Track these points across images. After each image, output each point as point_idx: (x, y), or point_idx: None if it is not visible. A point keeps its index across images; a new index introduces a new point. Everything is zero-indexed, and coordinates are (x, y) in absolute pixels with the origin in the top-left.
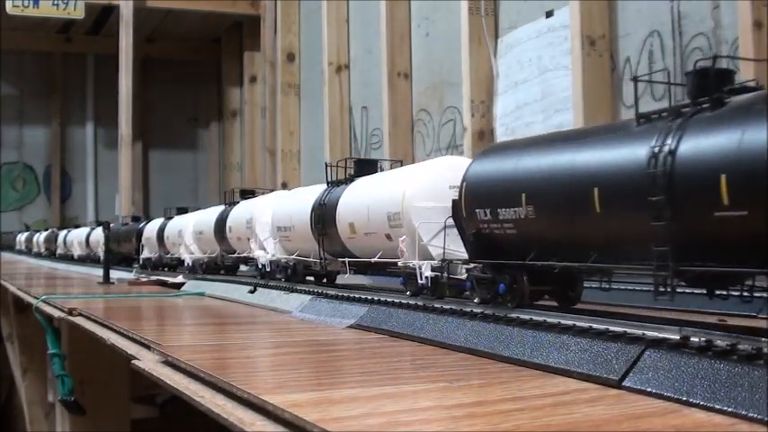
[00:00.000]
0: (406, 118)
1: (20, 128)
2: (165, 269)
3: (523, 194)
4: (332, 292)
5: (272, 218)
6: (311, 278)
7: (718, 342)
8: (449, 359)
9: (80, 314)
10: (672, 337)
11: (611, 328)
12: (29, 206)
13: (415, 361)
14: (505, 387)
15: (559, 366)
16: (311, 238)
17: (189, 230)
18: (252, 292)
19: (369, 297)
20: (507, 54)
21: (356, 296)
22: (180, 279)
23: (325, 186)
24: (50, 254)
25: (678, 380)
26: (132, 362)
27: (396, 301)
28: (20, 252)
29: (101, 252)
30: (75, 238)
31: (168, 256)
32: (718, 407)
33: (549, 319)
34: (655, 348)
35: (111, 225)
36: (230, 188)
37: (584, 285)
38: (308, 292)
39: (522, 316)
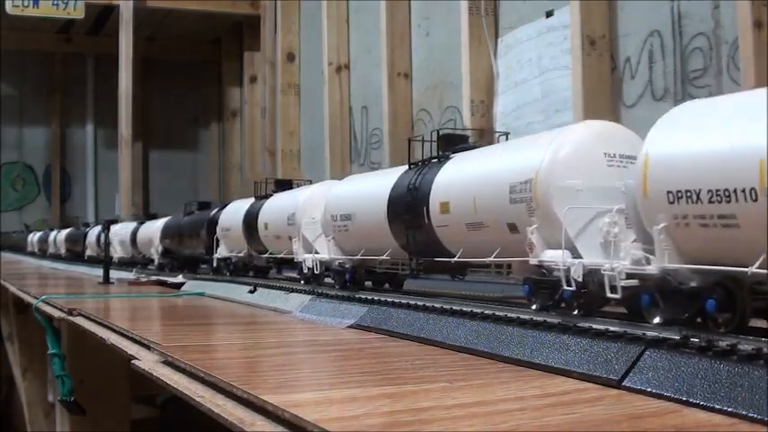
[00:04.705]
0: (406, 118)
1: (20, 128)
2: (251, 273)
3: None
4: (332, 292)
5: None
6: None
7: (719, 342)
8: (449, 359)
9: (80, 314)
10: (672, 337)
11: (611, 328)
12: (29, 206)
13: (414, 361)
14: (505, 387)
15: (559, 366)
16: None
17: (312, 216)
18: (252, 292)
19: (369, 297)
20: (507, 54)
21: (356, 296)
22: (180, 279)
23: None
24: (74, 256)
25: (678, 380)
26: (132, 362)
27: (396, 301)
28: (32, 254)
29: (155, 254)
30: (113, 236)
31: (266, 255)
32: (718, 407)
33: (549, 320)
34: (655, 348)
35: (170, 217)
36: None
37: None
38: (309, 292)
39: (522, 316)
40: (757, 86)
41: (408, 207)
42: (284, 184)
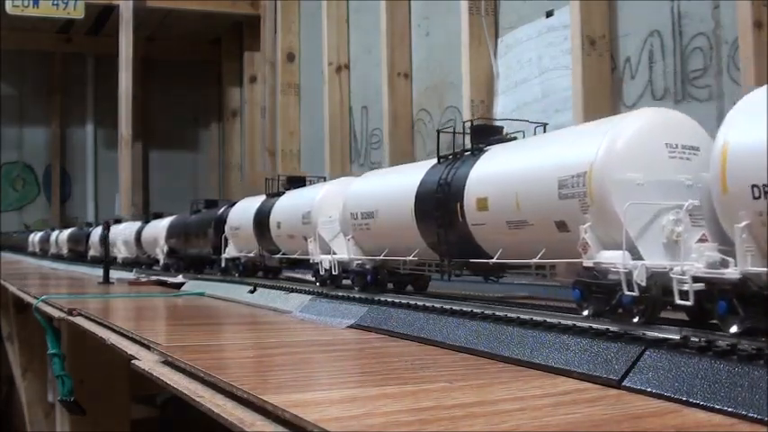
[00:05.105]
0: (406, 118)
1: (20, 128)
2: (260, 274)
3: None
4: (332, 292)
5: None
6: None
7: (719, 342)
8: (449, 359)
9: (80, 314)
10: (672, 337)
11: (611, 328)
12: (29, 206)
13: (414, 361)
14: (505, 387)
15: (559, 366)
16: None
17: (329, 214)
18: (252, 292)
19: (369, 297)
20: (507, 54)
21: (356, 296)
22: (180, 279)
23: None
24: (77, 256)
25: (678, 380)
26: (132, 362)
27: (396, 301)
28: (33, 254)
29: (160, 254)
30: (117, 236)
31: (278, 255)
32: (718, 407)
33: (549, 320)
34: (655, 348)
35: (176, 216)
36: None
37: None
38: (308, 292)
39: (522, 316)
40: (757, 87)
41: (439, 204)
42: (297, 182)
